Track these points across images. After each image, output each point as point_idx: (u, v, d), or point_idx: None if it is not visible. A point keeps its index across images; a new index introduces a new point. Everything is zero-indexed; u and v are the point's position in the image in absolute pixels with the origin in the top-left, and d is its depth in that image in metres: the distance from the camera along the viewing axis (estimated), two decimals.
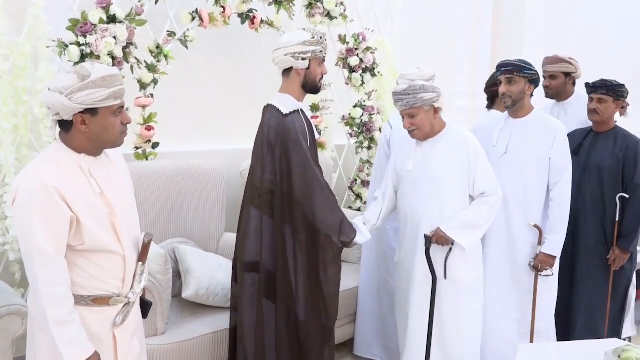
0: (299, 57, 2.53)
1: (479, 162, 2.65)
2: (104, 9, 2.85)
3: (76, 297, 1.76)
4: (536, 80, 2.97)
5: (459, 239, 2.60)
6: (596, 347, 2.16)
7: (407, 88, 2.58)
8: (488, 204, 2.65)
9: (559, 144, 2.92)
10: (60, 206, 1.68)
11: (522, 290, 2.99)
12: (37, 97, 2.73)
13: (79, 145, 1.77)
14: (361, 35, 4.09)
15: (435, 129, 2.69)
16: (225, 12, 3.32)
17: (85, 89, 1.68)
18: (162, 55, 3.13)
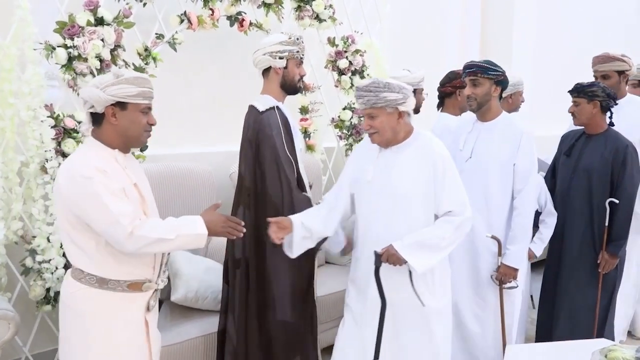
0: (276, 56, 2.64)
1: (446, 176, 2.31)
2: (92, 11, 2.83)
3: (112, 281, 1.94)
4: (503, 82, 2.84)
5: (412, 260, 2.23)
6: (583, 347, 2.17)
7: (370, 84, 2.27)
8: (453, 224, 2.29)
9: (524, 150, 2.77)
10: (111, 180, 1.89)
11: (483, 303, 2.85)
12: (24, 100, 2.71)
13: (110, 140, 1.97)
14: (350, 37, 4.11)
15: (399, 135, 2.36)
16: (214, 15, 3.32)
17: (118, 84, 1.90)
18: (150, 57, 3.12)
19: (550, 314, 3.21)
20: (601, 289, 3.10)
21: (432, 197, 2.31)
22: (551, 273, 3.25)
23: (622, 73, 3.40)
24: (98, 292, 1.93)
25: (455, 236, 2.30)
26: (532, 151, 2.80)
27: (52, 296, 2.86)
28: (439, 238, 2.27)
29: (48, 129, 2.75)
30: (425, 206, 2.33)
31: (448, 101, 3.67)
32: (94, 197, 1.84)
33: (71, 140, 2.82)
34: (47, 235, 2.81)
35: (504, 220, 2.81)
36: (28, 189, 2.82)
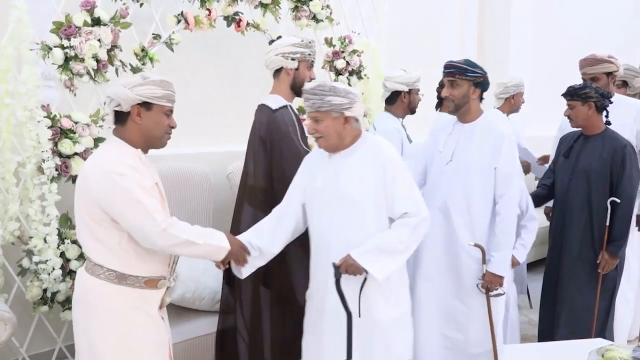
0: (288, 57, 2.69)
1: (397, 178, 2.23)
2: (88, 11, 2.83)
3: (130, 277, 1.98)
4: (483, 84, 2.73)
5: (372, 268, 2.16)
6: (580, 346, 2.18)
7: (316, 86, 2.20)
8: (409, 226, 2.22)
9: (506, 152, 2.67)
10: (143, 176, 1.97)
11: (467, 310, 2.76)
12: (20, 100, 2.70)
13: (133, 139, 2.03)
14: (347, 38, 4.11)
15: (346, 140, 2.27)
16: (211, 15, 3.31)
17: (146, 85, 1.98)
18: (147, 58, 3.11)
19: (552, 315, 3.20)
20: (601, 289, 3.09)
21: (384, 200, 2.24)
22: (551, 274, 3.24)
23: (610, 74, 3.42)
24: (117, 288, 1.97)
25: (413, 238, 2.24)
26: (514, 154, 2.73)
27: (49, 297, 2.86)
28: (396, 242, 2.20)
29: (45, 129, 2.74)
30: (377, 210, 2.26)
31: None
32: (128, 193, 1.90)
33: (68, 141, 2.81)
34: (43, 236, 2.80)
35: (486, 225, 2.73)
36: (25, 190, 2.81)
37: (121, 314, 1.99)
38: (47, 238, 2.80)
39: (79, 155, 2.86)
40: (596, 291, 3.08)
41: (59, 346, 3.09)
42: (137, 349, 2.01)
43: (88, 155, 2.90)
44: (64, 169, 2.82)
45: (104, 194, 1.91)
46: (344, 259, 2.17)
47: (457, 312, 2.77)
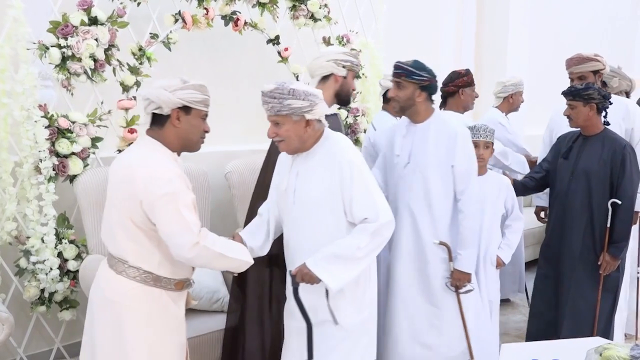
0: (340, 64, 2.67)
1: (354, 182, 2.12)
2: (85, 10, 2.82)
3: (164, 279, 1.99)
4: (429, 87, 2.69)
5: (327, 277, 2.06)
6: (579, 345, 2.17)
7: (274, 89, 2.09)
8: (368, 231, 2.10)
9: (461, 149, 2.65)
10: (188, 187, 1.98)
11: (439, 312, 2.73)
12: (17, 99, 2.70)
13: (170, 142, 2.02)
14: (345, 37, 4.11)
15: (307, 143, 2.19)
16: (209, 14, 3.31)
17: (187, 89, 1.99)
18: (144, 57, 3.11)
19: (551, 316, 3.19)
20: (604, 290, 3.06)
21: (341, 204, 2.15)
22: (549, 275, 3.21)
23: (597, 73, 3.40)
24: (151, 290, 1.98)
25: (373, 244, 2.13)
26: (469, 151, 2.71)
27: (46, 297, 2.86)
28: (354, 248, 2.09)
29: (42, 129, 2.74)
30: (336, 215, 2.16)
31: (451, 100, 3.71)
32: (172, 200, 1.89)
33: (65, 141, 2.81)
34: (41, 236, 2.80)
35: (448, 224, 2.71)
36: (22, 190, 2.81)
37: (154, 316, 1.99)
38: (45, 238, 2.80)
39: (76, 155, 2.86)
40: (596, 291, 3.06)
41: (56, 346, 3.09)
42: (166, 352, 2.03)
43: (85, 154, 2.90)
44: (61, 169, 2.82)
45: (151, 197, 1.89)
46: (299, 267, 2.10)
47: (430, 315, 2.74)
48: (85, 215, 2.85)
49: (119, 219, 1.96)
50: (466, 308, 2.72)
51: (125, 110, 3.09)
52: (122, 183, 1.95)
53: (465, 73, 3.74)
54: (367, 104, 4.29)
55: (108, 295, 1.99)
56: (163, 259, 1.98)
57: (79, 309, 3.01)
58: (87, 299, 2.81)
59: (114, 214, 1.97)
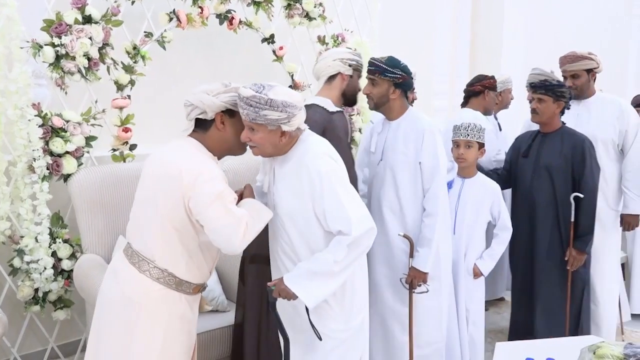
0: (347, 63, 2.70)
1: (324, 194, 2.01)
2: (79, 9, 2.81)
3: (186, 283, 1.98)
4: (404, 84, 2.67)
5: (303, 294, 1.99)
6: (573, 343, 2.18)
7: (251, 97, 1.95)
8: (343, 244, 1.99)
9: (428, 146, 2.65)
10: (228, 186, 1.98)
11: (401, 308, 2.73)
12: (11, 98, 2.69)
13: (213, 146, 2.02)
14: (340, 36, 4.11)
15: (282, 150, 2.09)
16: (203, 13, 3.30)
17: (230, 92, 1.98)
18: (139, 56, 3.10)
19: (526, 316, 3.16)
20: (573, 286, 3.06)
21: (313, 215, 2.05)
22: (524, 274, 3.18)
23: (590, 71, 3.36)
24: (171, 292, 1.96)
25: (350, 257, 2.02)
26: (436, 148, 2.67)
27: (40, 297, 2.85)
28: (330, 263, 1.99)
29: (35, 127, 2.72)
30: (309, 225, 2.07)
31: (474, 100, 3.79)
32: (219, 198, 1.88)
33: (59, 140, 2.80)
34: (35, 235, 2.79)
35: (418, 222, 2.70)
36: (16, 189, 2.80)
37: (172, 319, 1.98)
38: (39, 237, 2.79)
39: (70, 154, 2.85)
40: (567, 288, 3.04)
41: (50, 346, 3.08)
42: (175, 355, 2.02)
43: (79, 153, 2.89)
44: (55, 168, 2.81)
45: (199, 196, 1.87)
46: (277, 282, 2.04)
47: (397, 312, 2.75)
48: (80, 215, 2.84)
49: (154, 216, 1.92)
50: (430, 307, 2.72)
51: (119, 109, 3.08)
52: (167, 179, 1.90)
53: (492, 77, 3.88)
54: (362, 102, 4.28)
55: (127, 293, 1.94)
56: (191, 263, 1.97)
57: (73, 309, 3.01)
58: (82, 299, 2.83)
59: (149, 211, 1.93)
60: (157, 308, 1.94)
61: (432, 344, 2.76)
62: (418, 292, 2.67)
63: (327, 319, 2.11)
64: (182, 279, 1.96)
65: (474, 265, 3.00)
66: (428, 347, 2.75)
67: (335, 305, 2.11)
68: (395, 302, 2.76)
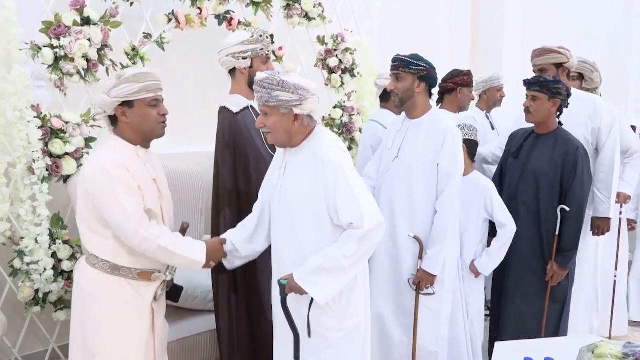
0: (239, 57, 2.63)
1: (338, 186, 2.02)
2: (78, 11, 2.82)
3: (124, 269, 2.06)
4: (427, 77, 2.67)
5: (313, 291, 2.00)
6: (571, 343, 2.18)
7: (264, 79, 2.03)
8: (354, 238, 2.00)
9: (448, 149, 2.62)
10: (130, 176, 2.01)
11: (405, 309, 2.72)
12: (10, 100, 2.69)
13: (129, 137, 2.10)
14: (340, 36, 4.10)
15: (295, 138, 2.11)
16: (202, 14, 3.31)
17: (119, 85, 2.01)
18: (138, 57, 3.11)
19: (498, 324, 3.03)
20: (552, 300, 2.90)
21: (325, 207, 2.05)
22: (497, 284, 3.06)
23: (560, 66, 3.17)
24: (110, 277, 2.06)
25: (361, 251, 2.03)
26: (456, 151, 2.66)
27: (40, 297, 2.85)
28: (341, 258, 1.99)
29: (35, 129, 2.73)
30: (321, 217, 2.07)
31: (448, 97, 3.72)
32: (110, 190, 1.97)
33: (58, 141, 2.80)
34: (35, 237, 2.79)
35: (428, 224, 2.67)
36: (15, 190, 2.80)
37: (112, 303, 2.07)
38: (39, 238, 2.80)
39: (69, 155, 2.85)
40: (543, 301, 2.90)
41: (51, 347, 3.08)
42: (124, 340, 2.08)
43: (79, 155, 2.90)
44: (54, 169, 2.81)
45: (93, 189, 2.00)
46: (288, 277, 2.04)
47: (399, 313, 2.73)
48: None
49: (79, 209, 2.07)
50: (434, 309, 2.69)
51: None
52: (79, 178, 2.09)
53: (466, 73, 3.76)
54: (363, 102, 4.28)
55: (76, 279, 2.11)
56: (119, 248, 2.05)
57: None
58: None
59: (77, 205, 2.09)
60: (101, 294, 2.06)
61: (430, 346, 2.73)
62: (424, 294, 2.66)
63: (321, 315, 2.10)
64: (116, 265, 2.05)
65: (471, 264, 2.98)
66: (427, 348, 2.73)
67: (331, 302, 2.10)
68: (398, 302, 2.74)
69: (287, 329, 2.09)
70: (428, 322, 2.72)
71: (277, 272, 2.18)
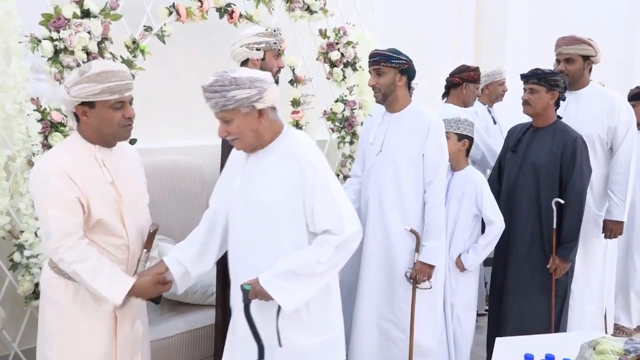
0: (253, 47, 2.69)
1: (317, 188, 1.87)
2: (78, 3, 2.79)
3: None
4: (408, 71, 2.70)
5: (280, 296, 1.83)
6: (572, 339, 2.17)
7: (213, 82, 1.87)
8: (331, 244, 1.85)
9: (433, 139, 2.64)
10: (70, 186, 1.87)
11: (404, 305, 2.69)
12: (9, 93, 2.68)
13: (89, 136, 1.98)
14: (342, 29, 4.07)
15: (265, 137, 1.93)
16: (203, 7, 3.28)
17: (80, 84, 1.86)
18: (138, 50, 3.09)
19: (499, 320, 3.02)
20: (550, 296, 2.89)
21: (302, 212, 1.89)
22: (498, 279, 3.05)
23: (587, 59, 3.13)
24: (67, 282, 1.98)
25: (336, 258, 1.88)
26: (441, 141, 2.69)
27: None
28: (314, 263, 1.84)
29: (34, 122, 2.71)
30: (295, 222, 1.91)
31: (453, 92, 3.75)
32: (41, 199, 1.89)
33: (58, 134, 2.78)
34: (35, 230, 2.78)
35: (419, 214, 2.69)
36: (15, 184, 2.79)
37: (68, 308, 1.99)
38: (38, 232, 2.78)
39: None
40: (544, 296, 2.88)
41: None
42: (80, 347, 2.00)
43: None
44: None
45: (32, 191, 1.96)
46: (252, 282, 1.86)
47: (394, 308, 2.70)
48: None
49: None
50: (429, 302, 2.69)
51: None
52: None
53: (474, 69, 3.77)
54: (364, 96, 4.26)
55: (41, 286, 2.07)
56: None
57: None
58: None
59: None
60: (53, 296, 2.01)
61: (427, 341, 2.73)
62: (422, 288, 2.66)
63: (293, 328, 1.92)
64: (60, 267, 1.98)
65: (457, 259, 2.96)
66: (424, 343, 2.72)
67: (304, 312, 1.93)
68: (392, 298, 2.72)
69: (248, 341, 1.91)
70: (423, 317, 2.71)
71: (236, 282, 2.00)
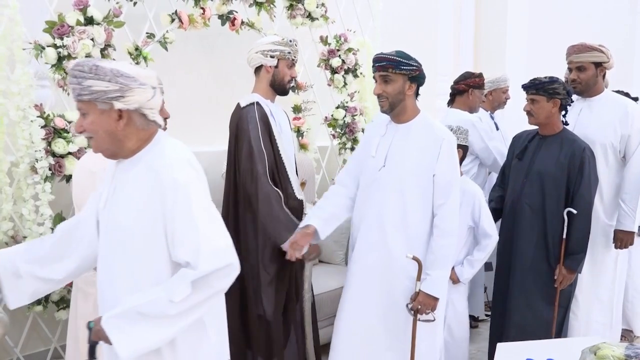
0: (268, 55, 2.72)
1: (177, 209, 1.55)
2: (81, 10, 2.82)
3: None
4: (418, 78, 2.40)
5: (116, 340, 1.51)
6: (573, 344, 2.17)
7: (74, 66, 1.57)
8: (187, 280, 1.52)
9: (445, 158, 2.36)
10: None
11: (399, 332, 2.43)
12: (13, 99, 2.70)
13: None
14: (343, 36, 4.10)
15: (127, 145, 1.63)
16: (205, 14, 3.31)
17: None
18: (141, 57, 3.11)
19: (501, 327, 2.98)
20: (554, 304, 2.86)
21: (164, 237, 1.58)
22: (500, 284, 3.01)
23: (599, 65, 3.05)
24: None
25: (195, 299, 1.53)
26: (454, 160, 2.43)
27: (43, 297, 2.85)
28: (165, 303, 1.50)
29: (38, 129, 2.73)
30: (154, 249, 1.60)
31: (459, 98, 3.78)
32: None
33: (61, 140, 2.81)
34: (37, 236, 2.80)
35: (424, 239, 2.40)
36: (18, 189, 2.81)
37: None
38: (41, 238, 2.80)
39: (72, 154, 2.85)
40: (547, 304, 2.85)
41: (53, 346, 3.09)
42: None
43: (82, 154, 2.90)
44: (57, 169, 2.81)
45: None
46: (96, 320, 1.58)
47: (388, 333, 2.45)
48: None
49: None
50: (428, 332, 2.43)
51: None
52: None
53: (478, 75, 3.83)
54: (365, 103, 4.29)
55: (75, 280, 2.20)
56: None
57: None
58: None
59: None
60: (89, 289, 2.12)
61: None
62: (424, 320, 2.38)
63: None
64: None
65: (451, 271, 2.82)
66: None
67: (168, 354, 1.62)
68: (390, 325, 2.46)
69: None
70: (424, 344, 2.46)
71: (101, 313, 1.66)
